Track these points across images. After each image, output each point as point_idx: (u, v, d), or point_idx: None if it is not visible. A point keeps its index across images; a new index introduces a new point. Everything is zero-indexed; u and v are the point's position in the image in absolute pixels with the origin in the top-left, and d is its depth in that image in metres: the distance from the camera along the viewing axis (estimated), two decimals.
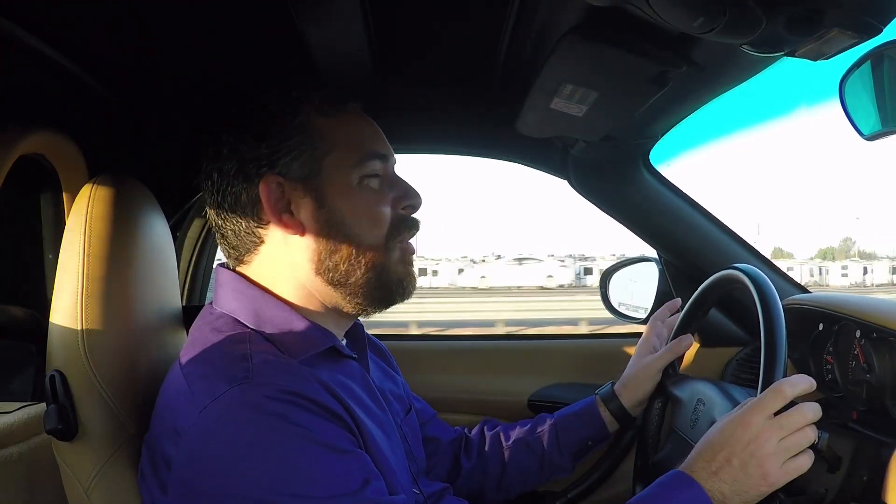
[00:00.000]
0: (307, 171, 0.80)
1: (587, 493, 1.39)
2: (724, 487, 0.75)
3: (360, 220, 0.80)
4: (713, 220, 1.35)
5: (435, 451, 1.07)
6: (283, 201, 0.79)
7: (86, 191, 0.82)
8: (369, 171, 0.82)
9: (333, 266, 0.80)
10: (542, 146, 1.32)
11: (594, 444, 1.11)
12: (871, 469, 0.87)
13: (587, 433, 1.10)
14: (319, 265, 0.80)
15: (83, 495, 0.77)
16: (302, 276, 0.81)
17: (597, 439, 1.11)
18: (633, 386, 1.10)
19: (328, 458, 0.69)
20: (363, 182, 0.82)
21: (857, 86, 0.82)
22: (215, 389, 0.68)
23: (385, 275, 0.82)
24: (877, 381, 0.96)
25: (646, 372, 1.09)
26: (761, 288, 0.85)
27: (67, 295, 0.78)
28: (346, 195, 0.80)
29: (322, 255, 0.80)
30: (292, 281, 0.82)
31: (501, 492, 1.10)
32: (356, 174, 0.81)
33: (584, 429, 1.11)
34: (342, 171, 0.81)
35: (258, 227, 0.80)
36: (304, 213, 0.80)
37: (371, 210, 0.81)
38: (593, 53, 0.78)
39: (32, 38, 0.80)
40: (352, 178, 0.81)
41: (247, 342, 0.75)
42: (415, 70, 1.07)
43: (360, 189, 0.81)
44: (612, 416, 1.10)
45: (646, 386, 1.09)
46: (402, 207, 0.84)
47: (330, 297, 0.82)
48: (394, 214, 0.83)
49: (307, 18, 0.80)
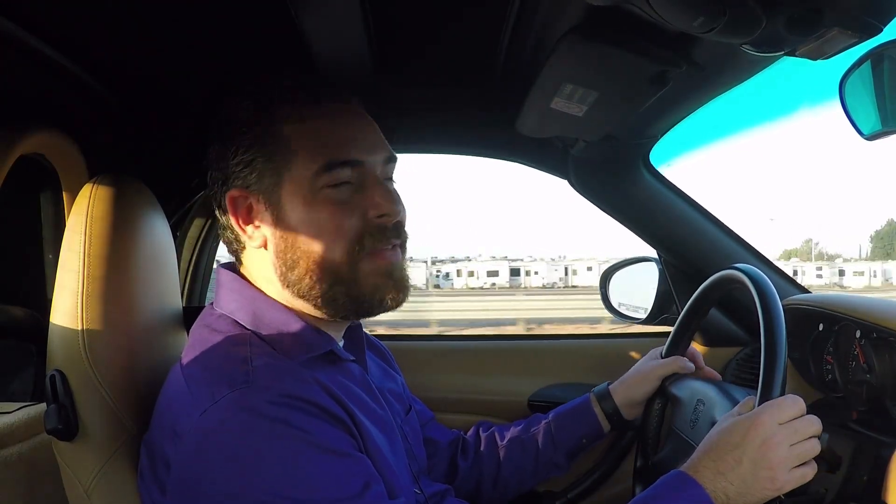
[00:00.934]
0: (268, 182, 0.78)
1: (587, 493, 1.39)
2: (730, 488, 0.74)
3: (319, 233, 0.76)
4: (713, 220, 1.35)
5: (434, 453, 1.07)
6: (249, 213, 0.80)
7: (86, 191, 0.82)
8: (334, 181, 0.77)
9: (297, 280, 0.78)
10: (542, 146, 1.32)
11: (589, 442, 1.11)
12: (871, 469, 0.87)
13: (582, 430, 1.10)
14: (283, 279, 0.79)
15: (83, 495, 0.77)
16: (276, 286, 0.81)
17: (591, 437, 1.10)
18: (630, 386, 1.10)
19: (329, 462, 0.69)
20: (325, 192, 0.77)
21: (857, 85, 0.82)
22: (216, 392, 0.68)
23: (355, 288, 0.78)
24: (877, 382, 0.96)
25: (645, 375, 1.09)
26: (761, 288, 0.85)
27: (68, 295, 0.78)
28: (301, 209, 0.77)
29: (283, 269, 0.78)
30: (272, 289, 0.82)
31: (498, 491, 1.10)
32: (314, 185, 0.77)
33: (578, 426, 1.10)
34: (300, 184, 0.77)
35: (240, 231, 0.81)
36: (265, 225, 0.79)
37: (330, 223, 0.77)
38: (593, 53, 0.78)
39: (32, 38, 0.80)
40: (312, 188, 0.77)
41: (247, 345, 0.75)
42: (415, 70, 1.07)
43: (320, 201, 0.77)
44: (604, 416, 1.10)
45: (643, 388, 1.09)
46: (377, 217, 0.79)
47: (305, 307, 0.80)
48: (363, 225, 0.78)
49: (307, 19, 0.80)
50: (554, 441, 1.09)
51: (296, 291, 0.79)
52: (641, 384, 1.09)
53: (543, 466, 1.10)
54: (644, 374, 1.09)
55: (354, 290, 0.78)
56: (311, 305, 0.80)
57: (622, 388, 1.10)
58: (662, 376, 1.08)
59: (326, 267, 0.77)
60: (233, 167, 0.79)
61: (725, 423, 0.78)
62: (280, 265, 0.78)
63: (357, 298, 0.79)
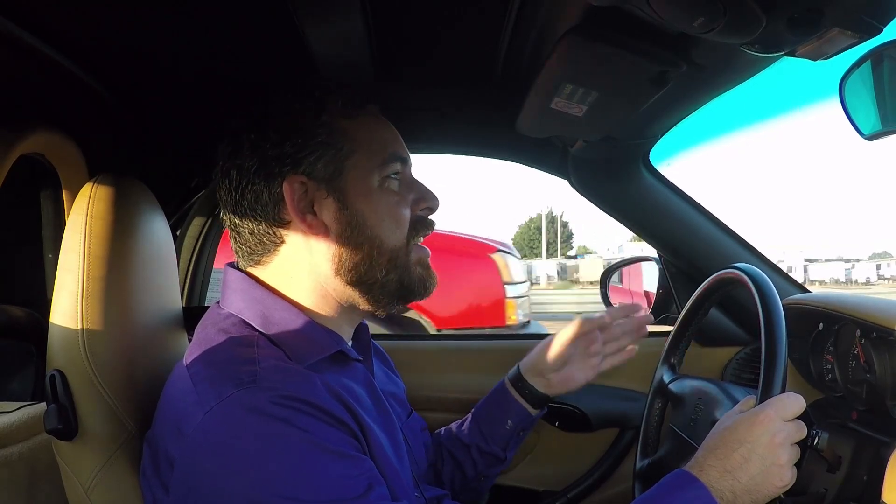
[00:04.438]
0: (331, 171, 0.79)
1: (587, 493, 1.40)
2: (737, 486, 0.73)
3: (382, 221, 0.81)
4: (713, 219, 1.36)
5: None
6: (305, 201, 0.79)
7: (86, 190, 0.82)
8: (390, 173, 0.82)
9: (353, 267, 0.80)
10: (542, 146, 1.32)
11: (518, 427, 1.06)
12: (870, 469, 0.87)
13: (504, 416, 1.06)
14: (339, 266, 0.80)
15: (83, 495, 0.77)
16: (321, 276, 0.80)
17: (519, 423, 1.06)
18: (535, 358, 1.06)
19: (332, 463, 0.68)
20: (384, 184, 0.82)
21: (857, 86, 0.82)
22: (222, 391, 0.68)
23: (406, 276, 0.83)
24: (877, 381, 0.96)
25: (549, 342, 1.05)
26: (761, 288, 0.85)
27: (67, 295, 0.78)
28: (368, 197, 0.80)
29: (343, 257, 0.80)
30: (309, 282, 0.81)
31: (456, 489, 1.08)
32: (378, 176, 0.81)
33: (499, 412, 1.06)
34: (365, 173, 0.80)
35: (279, 227, 0.79)
36: (327, 213, 0.79)
37: (392, 211, 0.81)
38: (593, 53, 0.78)
39: (32, 38, 0.80)
40: (374, 179, 0.81)
41: (254, 345, 0.75)
42: (415, 71, 1.07)
43: (382, 191, 0.81)
44: (521, 396, 1.06)
45: (545, 356, 1.04)
46: (420, 209, 0.85)
47: (348, 296, 0.82)
48: (412, 216, 0.84)
49: (308, 20, 0.80)
50: (482, 432, 1.07)
51: (350, 278, 0.80)
52: (544, 351, 1.05)
53: (480, 460, 1.06)
54: (548, 341, 1.06)
55: (405, 277, 0.83)
56: (359, 293, 0.81)
57: (529, 362, 1.07)
58: (566, 339, 1.04)
59: (386, 253, 0.81)
60: (290, 155, 0.78)
61: (728, 421, 0.78)
62: (340, 252, 0.79)
63: (407, 286, 0.83)
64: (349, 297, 0.82)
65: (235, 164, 0.80)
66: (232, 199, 0.80)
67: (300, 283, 0.81)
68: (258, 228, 0.80)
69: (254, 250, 0.81)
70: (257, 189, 0.79)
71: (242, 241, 0.82)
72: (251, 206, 0.79)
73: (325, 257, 0.80)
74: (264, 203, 0.79)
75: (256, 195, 0.79)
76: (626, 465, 1.42)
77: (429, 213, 0.86)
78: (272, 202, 0.78)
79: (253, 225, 0.80)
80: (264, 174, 0.78)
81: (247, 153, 0.79)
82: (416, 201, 0.85)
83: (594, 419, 1.40)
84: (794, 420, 0.76)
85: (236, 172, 0.80)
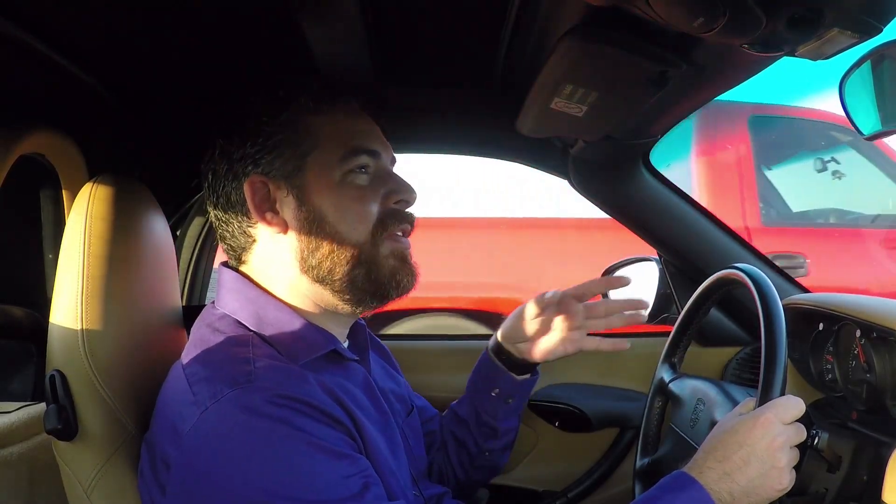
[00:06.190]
0: (290, 168, 0.80)
1: (587, 493, 1.40)
2: (736, 488, 0.73)
3: (343, 216, 0.80)
4: (713, 220, 1.36)
5: (431, 445, 1.08)
6: (268, 200, 0.80)
7: (86, 191, 0.82)
8: (355, 167, 0.81)
9: (317, 263, 0.80)
10: (542, 146, 1.32)
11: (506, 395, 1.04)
12: (870, 469, 0.87)
13: (489, 385, 1.04)
14: (303, 263, 0.80)
15: (83, 495, 0.77)
16: (291, 275, 0.81)
17: (505, 390, 1.04)
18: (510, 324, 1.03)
19: (328, 463, 0.69)
20: (348, 178, 0.81)
21: (857, 86, 0.82)
22: (217, 391, 0.68)
23: (375, 270, 0.81)
24: (877, 381, 0.96)
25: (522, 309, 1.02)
26: (761, 288, 0.85)
27: (67, 295, 0.78)
28: (328, 192, 0.80)
29: (305, 253, 0.80)
30: (285, 281, 0.82)
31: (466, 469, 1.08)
32: (340, 170, 0.81)
33: (485, 383, 1.05)
34: (325, 168, 0.81)
35: (249, 226, 0.82)
36: (288, 211, 0.80)
37: (354, 206, 0.81)
38: (593, 53, 0.78)
39: (32, 38, 0.80)
40: (335, 174, 0.81)
41: (249, 345, 0.75)
42: (415, 71, 1.07)
43: (344, 185, 0.81)
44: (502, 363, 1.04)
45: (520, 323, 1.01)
46: (393, 202, 0.84)
47: (320, 296, 0.82)
48: (382, 209, 0.82)
49: (308, 20, 0.80)
50: (475, 408, 1.06)
51: (315, 276, 0.80)
52: (515, 320, 1.02)
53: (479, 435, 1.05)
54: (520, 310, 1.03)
55: (374, 273, 0.81)
56: (329, 291, 0.81)
57: (503, 330, 1.04)
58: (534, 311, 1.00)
59: (349, 248, 0.80)
60: (251, 156, 0.81)
61: (728, 423, 0.78)
62: (302, 248, 0.80)
63: (376, 281, 0.82)
64: (321, 295, 0.82)
65: (210, 167, 0.84)
66: (212, 201, 0.84)
67: (278, 281, 0.82)
68: (234, 228, 0.83)
69: (236, 249, 0.84)
70: (227, 190, 0.82)
71: (225, 241, 0.85)
72: (224, 207, 0.83)
73: (291, 254, 0.81)
74: (234, 204, 0.82)
75: (227, 196, 0.82)
76: (626, 465, 1.42)
77: (405, 205, 0.85)
78: (240, 202, 0.81)
79: (229, 225, 0.83)
80: (232, 176, 0.82)
81: (218, 157, 0.83)
82: (388, 194, 0.83)
83: (594, 419, 1.40)
84: (794, 423, 0.76)
85: (212, 175, 0.84)
